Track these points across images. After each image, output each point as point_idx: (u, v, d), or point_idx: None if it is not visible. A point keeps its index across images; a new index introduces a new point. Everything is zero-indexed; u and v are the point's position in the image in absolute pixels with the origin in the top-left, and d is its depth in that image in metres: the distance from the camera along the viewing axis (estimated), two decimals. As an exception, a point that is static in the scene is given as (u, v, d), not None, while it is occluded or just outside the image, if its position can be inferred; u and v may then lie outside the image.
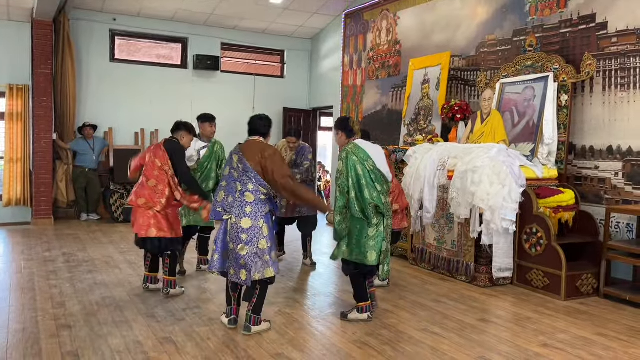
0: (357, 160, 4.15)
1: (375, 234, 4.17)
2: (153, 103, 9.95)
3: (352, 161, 4.15)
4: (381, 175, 4.23)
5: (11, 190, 8.76)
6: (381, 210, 4.16)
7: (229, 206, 3.93)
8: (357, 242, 4.19)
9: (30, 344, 3.72)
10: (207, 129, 5.71)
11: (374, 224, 4.16)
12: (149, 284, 5.07)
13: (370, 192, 4.12)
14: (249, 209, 3.88)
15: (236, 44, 10.87)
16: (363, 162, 4.15)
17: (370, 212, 4.12)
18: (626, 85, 5.40)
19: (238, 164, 3.95)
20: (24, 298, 4.78)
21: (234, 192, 3.93)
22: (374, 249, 4.17)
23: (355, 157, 4.16)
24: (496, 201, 5.21)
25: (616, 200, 5.44)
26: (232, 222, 3.90)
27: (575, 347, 3.88)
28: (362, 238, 4.17)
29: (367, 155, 4.20)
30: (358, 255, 4.19)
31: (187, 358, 3.54)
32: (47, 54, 8.67)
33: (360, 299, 4.34)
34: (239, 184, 3.92)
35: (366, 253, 4.16)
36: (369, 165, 4.17)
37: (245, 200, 3.89)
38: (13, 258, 6.41)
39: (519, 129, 6.12)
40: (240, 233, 3.86)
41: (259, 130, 4.14)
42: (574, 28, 5.89)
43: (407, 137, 7.68)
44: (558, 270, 5.07)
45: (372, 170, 4.17)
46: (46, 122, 8.72)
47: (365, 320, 4.31)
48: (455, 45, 7.47)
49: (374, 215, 4.15)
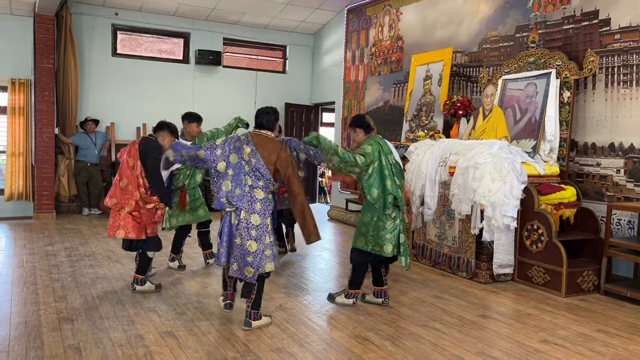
0: (382, 151, 4.35)
1: (392, 226, 4.34)
2: (155, 98, 9.96)
3: (377, 150, 4.33)
4: (400, 170, 4.42)
5: (13, 184, 8.78)
6: (398, 203, 4.32)
7: (236, 199, 3.86)
8: (375, 234, 4.36)
9: (32, 338, 3.74)
10: (194, 129, 5.57)
11: (391, 217, 4.33)
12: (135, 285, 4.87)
13: (392, 183, 4.30)
14: (258, 206, 3.88)
15: (238, 39, 10.86)
16: (387, 155, 4.36)
17: (388, 202, 4.29)
18: (629, 82, 5.38)
19: (250, 158, 3.87)
20: (26, 292, 4.80)
21: (243, 185, 3.87)
22: (391, 241, 4.34)
23: (382, 148, 4.37)
24: (497, 197, 5.21)
25: (617, 197, 5.43)
26: (242, 217, 3.86)
27: (576, 344, 3.88)
28: (379, 230, 4.34)
29: (390, 149, 4.43)
30: (374, 247, 4.37)
31: (188, 352, 3.55)
32: (49, 49, 8.67)
33: (354, 285, 4.53)
34: (249, 178, 3.88)
35: (383, 245, 4.34)
36: (392, 159, 4.36)
37: (255, 196, 3.87)
38: (15, 252, 6.43)
39: (520, 126, 6.11)
40: (250, 229, 3.86)
41: (267, 125, 4.04)
42: (577, 24, 5.88)
43: (408, 133, 7.67)
44: (559, 267, 5.08)
45: (394, 164, 4.37)
46: (48, 117, 8.74)
47: (350, 305, 4.53)
48: (457, 41, 7.46)
49: (392, 207, 4.32)
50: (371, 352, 3.63)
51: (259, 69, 11.12)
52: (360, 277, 4.53)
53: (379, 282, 4.60)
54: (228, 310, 4.20)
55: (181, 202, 5.55)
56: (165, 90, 10.08)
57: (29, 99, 8.84)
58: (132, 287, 4.86)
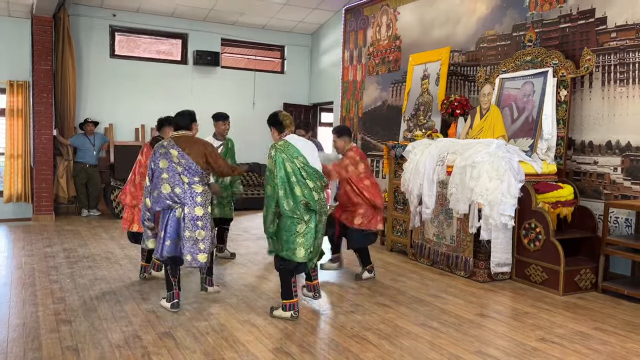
0: (286, 158, 4.07)
1: (305, 230, 4.11)
2: (153, 99, 9.97)
3: (280, 158, 4.07)
4: (314, 171, 4.15)
5: (12, 186, 8.79)
6: (312, 207, 4.09)
7: (177, 197, 4.30)
8: (287, 239, 4.13)
9: (30, 339, 3.74)
10: (220, 127, 6.08)
11: (304, 220, 4.10)
12: (145, 274, 5.35)
13: (302, 189, 4.07)
14: (199, 199, 4.33)
15: (236, 39, 10.86)
16: (293, 160, 4.08)
17: (302, 209, 4.07)
18: (625, 81, 5.39)
19: (180, 159, 4.29)
20: (25, 293, 4.80)
21: (182, 184, 4.31)
22: (303, 245, 4.12)
23: (284, 154, 4.08)
24: (495, 196, 5.22)
25: (615, 195, 5.44)
26: (186, 211, 4.29)
27: (573, 342, 3.89)
28: (291, 235, 4.11)
29: (298, 151, 4.12)
30: (287, 252, 4.14)
31: (186, 353, 3.56)
32: (47, 50, 8.68)
33: (286, 296, 4.26)
34: (185, 177, 4.31)
35: (295, 249, 4.11)
36: (300, 162, 4.09)
37: (195, 191, 4.33)
38: (14, 254, 6.44)
39: (518, 125, 6.12)
40: (196, 221, 4.31)
41: (183, 125, 4.46)
42: (574, 23, 5.89)
43: (406, 132, 7.68)
44: (556, 265, 5.09)
45: (303, 167, 4.09)
46: (46, 118, 8.74)
47: (289, 318, 4.23)
48: (454, 41, 7.47)
49: (305, 212, 4.09)
50: (369, 352, 3.64)
51: (257, 70, 11.13)
52: (287, 285, 4.23)
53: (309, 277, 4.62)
54: (176, 309, 4.36)
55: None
56: (163, 91, 10.08)
57: (28, 101, 8.85)
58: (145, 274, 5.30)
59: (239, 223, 8.71)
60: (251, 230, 8.25)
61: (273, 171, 4.10)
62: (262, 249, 6.86)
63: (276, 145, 4.16)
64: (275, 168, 4.07)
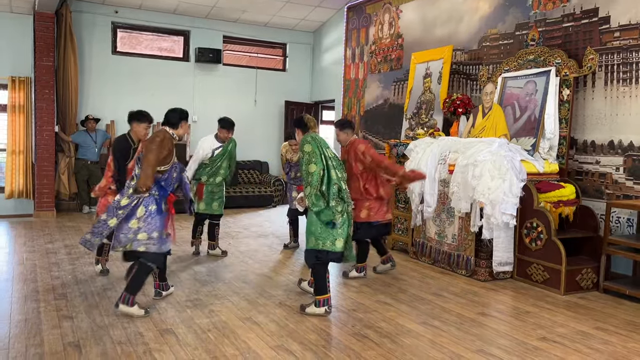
0: (321, 144, 4.28)
1: (341, 221, 4.23)
2: (155, 96, 9.95)
3: (316, 145, 4.21)
4: (339, 163, 4.34)
5: (13, 182, 8.79)
6: (342, 195, 4.22)
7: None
8: (323, 230, 4.20)
9: (32, 335, 3.75)
10: (224, 133, 6.13)
11: (338, 212, 4.19)
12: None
13: (336, 173, 4.22)
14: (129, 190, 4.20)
15: (238, 37, 10.86)
16: (326, 148, 4.29)
17: (332, 192, 4.15)
18: (628, 80, 5.38)
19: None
20: (26, 289, 4.81)
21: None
22: (342, 235, 4.23)
23: (318, 143, 4.26)
24: (497, 195, 5.21)
25: (617, 195, 5.44)
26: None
27: (574, 341, 3.89)
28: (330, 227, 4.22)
29: (327, 144, 4.37)
30: (329, 243, 4.21)
31: (187, 349, 3.56)
32: (49, 47, 8.67)
33: (320, 291, 4.27)
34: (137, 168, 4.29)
35: (335, 240, 4.22)
36: (330, 152, 4.30)
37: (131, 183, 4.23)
38: (15, 250, 6.44)
39: (520, 124, 6.11)
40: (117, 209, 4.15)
41: (173, 122, 4.38)
42: (577, 22, 5.87)
43: (408, 131, 7.67)
44: (558, 265, 5.08)
45: (334, 157, 4.30)
46: (48, 115, 8.74)
47: (323, 314, 4.25)
48: (457, 39, 7.45)
49: (337, 200, 4.17)
50: (370, 350, 3.64)
51: (259, 67, 11.12)
52: (322, 280, 4.27)
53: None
54: (157, 297, 4.54)
55: (198, 193, 6.10)
56: (165, 89, 10.07)
57: (29, 97, 8.84)
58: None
59: (239, 221, 8.72)
60: (251, 227, 8.25)
61: (316, 153, 4.17)
62: (263, 247, 6.87)
63: (310, 134, 4.36)
64: (317, 150, 4.19)
